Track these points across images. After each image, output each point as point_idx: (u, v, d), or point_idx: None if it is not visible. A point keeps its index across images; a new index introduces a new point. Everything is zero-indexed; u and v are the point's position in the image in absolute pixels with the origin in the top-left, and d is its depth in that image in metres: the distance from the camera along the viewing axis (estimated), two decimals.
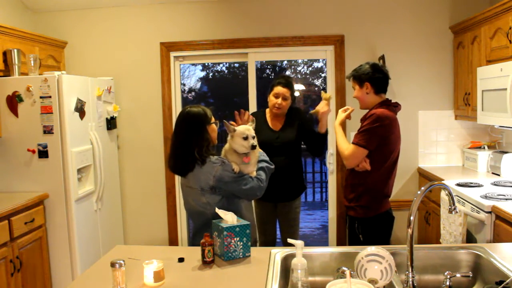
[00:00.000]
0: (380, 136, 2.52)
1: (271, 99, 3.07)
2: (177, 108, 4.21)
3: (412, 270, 1.50)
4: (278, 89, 3.03)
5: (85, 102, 3.46)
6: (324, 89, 4.34)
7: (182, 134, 2.20)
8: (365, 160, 2.55)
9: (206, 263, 1.81)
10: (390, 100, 2.67)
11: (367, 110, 2.66)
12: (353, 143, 2.57)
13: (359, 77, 2.64)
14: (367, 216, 2.59)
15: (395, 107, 2.66)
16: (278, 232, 3.33)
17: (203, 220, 2.20)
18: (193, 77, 7.88)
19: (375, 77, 2.60)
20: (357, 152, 2.54)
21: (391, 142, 2.57)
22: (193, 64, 6.55)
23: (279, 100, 3.03)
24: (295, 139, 3.09)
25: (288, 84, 3.06)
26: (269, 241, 3.20)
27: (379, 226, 2.61)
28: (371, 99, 2.64)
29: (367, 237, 2.58)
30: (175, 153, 2.23)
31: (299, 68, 7.93)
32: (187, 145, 2.17)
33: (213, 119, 2.29)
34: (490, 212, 2.52)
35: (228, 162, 2.21)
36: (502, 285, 1.48)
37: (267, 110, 3.18)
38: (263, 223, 3.19)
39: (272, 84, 3.12)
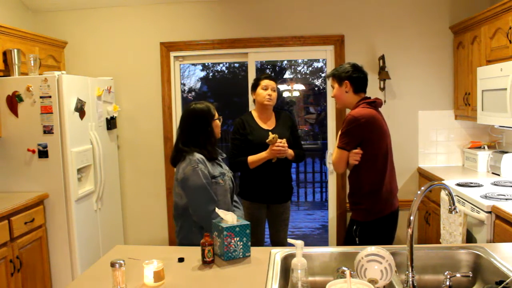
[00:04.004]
0: (359, 136, 2.49)
1: (260, 92, 3.09)
2: (177, 108, 4.21)
3: (412, 270, 1.50)
4: (265, 82, 3.09)
5: (85, 102, 3.46)
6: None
7: (187, 128, 2.34)
8: (354, 153, 2.49)
9: (206, 263, 1.81)
10: (369, 98, 2.62)
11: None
12: (337, 147, 2.56)
13: (338, 76, 2.63)
14: (367, 220, 2.54)
15: (373, 103, 2.59)
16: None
17: (177, 211, 2.31)
18: (193, 77, 7.89)
19: (354, 76, 2.60)
20: (341, 155, 2.53)
21: (375, 140, 2.52)
22: (193, 64, 6.54)
23: (269, 91, 3.07)
24: (289, 138, 3.07)
25: (272, 77, 3.15)
26: (259, 241, 3.18)
27: (378, 231, 2.54)
28: (349, 98, 2.62)
29: (363, 241, 2.51)
30: (175, 146, 2.37)
31: (299, 68, 7.93)
32: (186, 138, 2.32)
33: (216, 115, 2.40)
34: (490, 212, 2.52)
35: (201, 170, 2.21)
36: (502, 285, 1.48)
37: (253, 112, 3.20)
38: (254, 224, 3.17)
39: (256, 80, 3.17)
